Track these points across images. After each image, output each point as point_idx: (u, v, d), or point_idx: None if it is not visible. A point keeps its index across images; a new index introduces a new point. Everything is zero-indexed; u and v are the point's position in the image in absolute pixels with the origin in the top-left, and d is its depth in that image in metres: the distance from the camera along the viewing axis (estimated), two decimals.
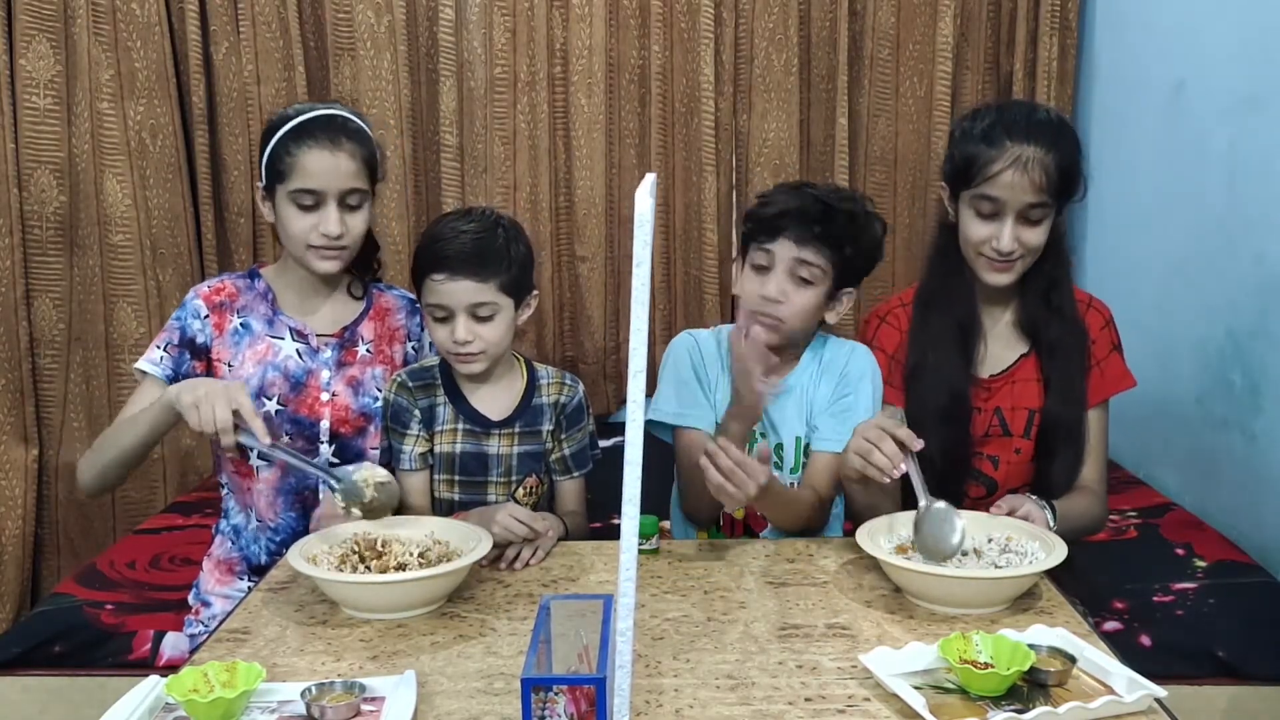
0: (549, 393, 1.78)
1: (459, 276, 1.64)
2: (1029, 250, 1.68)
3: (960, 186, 1.70)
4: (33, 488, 2.87)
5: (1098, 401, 1.80)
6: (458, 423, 1.73)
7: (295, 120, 1.73)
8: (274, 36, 3.01)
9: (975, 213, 1.68)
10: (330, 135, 1.71)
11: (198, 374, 1.75)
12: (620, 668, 0.99)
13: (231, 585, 1.86)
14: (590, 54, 3.09)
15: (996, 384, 1.79)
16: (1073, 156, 1.67)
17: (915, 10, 3.11)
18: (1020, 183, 1.63)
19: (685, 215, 3.19)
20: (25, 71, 2.79)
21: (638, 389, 0.91)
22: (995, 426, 1.79)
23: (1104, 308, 1.83)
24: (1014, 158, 1.63)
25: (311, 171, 1.70)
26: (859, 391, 1.74)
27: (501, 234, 1.69)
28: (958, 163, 1.70)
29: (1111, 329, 1.83)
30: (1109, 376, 1.81)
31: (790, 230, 1.67)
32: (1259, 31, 2.29)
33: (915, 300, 1.82)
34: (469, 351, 1.67)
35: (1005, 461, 1.80)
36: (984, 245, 1.68)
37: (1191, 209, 2.54)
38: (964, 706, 1.14)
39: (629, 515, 0.94)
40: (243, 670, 1.16)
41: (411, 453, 1.72)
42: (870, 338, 1.84)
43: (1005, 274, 1.71)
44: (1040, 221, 1.67)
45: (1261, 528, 2.27)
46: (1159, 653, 1.95)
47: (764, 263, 1.69)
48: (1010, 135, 1.64)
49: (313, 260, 1.75)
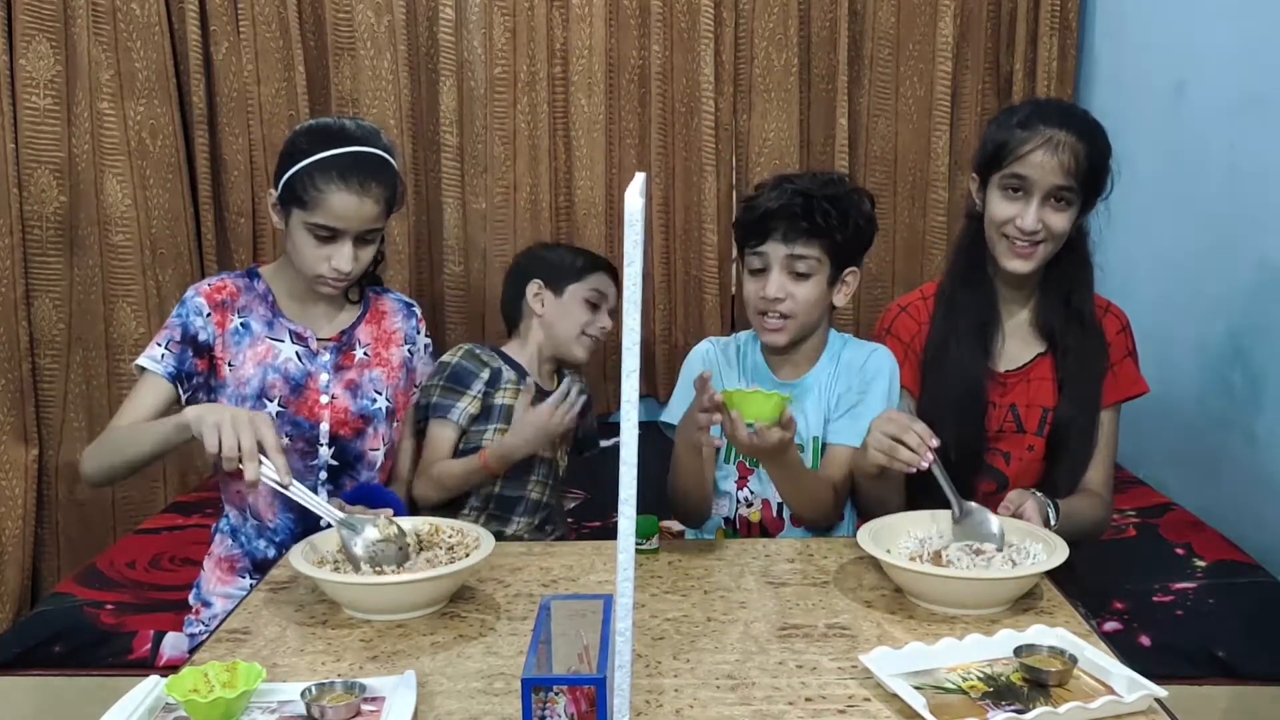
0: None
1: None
2: (1051, 235, 1.69)
3: (991, 171, 1.72)
4: (33, 488, 2.87)
5: (1109, 405, 1.81)
6: (519, 382, 1.99)
7: (326, 154, 1.68)
8: (274, 36, 3.01)
9: (1003, 192, 1.70)
10: (360, 178, 1.68)
11: (199, 372, 1.75)
12: (620, 668, 0.99)
13: (234, 584, 1.86)
14: (590, 54, 3.09)
15: (1013, 380, 1.80)
16: (1102, 152, 1.70)
17: (915, 10, 3.11)
18: (1049, 163, 1.65)
19: (685, 215, 3.20)
20: (25, 71, 2.79)
21: (631, 389, 0.91)
22: (1010, 422, 1.79)
23: (1121, 313, 1.84)
24: (1046, 139, 1.66)
25: (335, 213, 1.68)
26: (873, 389, 1.75)
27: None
28: (989, 149, 1.72)
29: (1127, 335, 1.83)
30: (1122, 381, 1.81)
31: (778, 230, 1.69)
32: (1259, 31, 2.29)
33: (937, 292, 1.84)
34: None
35: (1018, 458, 1.80)
36: (1008, 225, 1.70)
37: (1191, 209, 2.54)
38: (964, 706, 1.14)
39: (626, 515, 0.94)
40: (243, 670, 1.15)
41: (464, 409, 1.93)
42: (888, 326, 1.85)
43: (1026, 260, 1.71)
44: (1066, 208, 1.68)
45: (1261, 528, 2.27)
46: (1159, 653, 1.95)
47: (759, 265, 1.73)
48: (1044, 121, 1.67)
49: (318, 285, 1.75)
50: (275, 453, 1.45)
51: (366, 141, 1.72)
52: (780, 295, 1.70)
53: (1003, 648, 1.25)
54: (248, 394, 1.75)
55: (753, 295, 1.74)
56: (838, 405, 1.77)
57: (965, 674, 1.21)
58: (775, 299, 1.70)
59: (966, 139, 3.15)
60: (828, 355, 1.80)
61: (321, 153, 1.68)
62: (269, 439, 1.45)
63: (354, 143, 1.71)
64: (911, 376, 1.81)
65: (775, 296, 1.70)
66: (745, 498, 1.79)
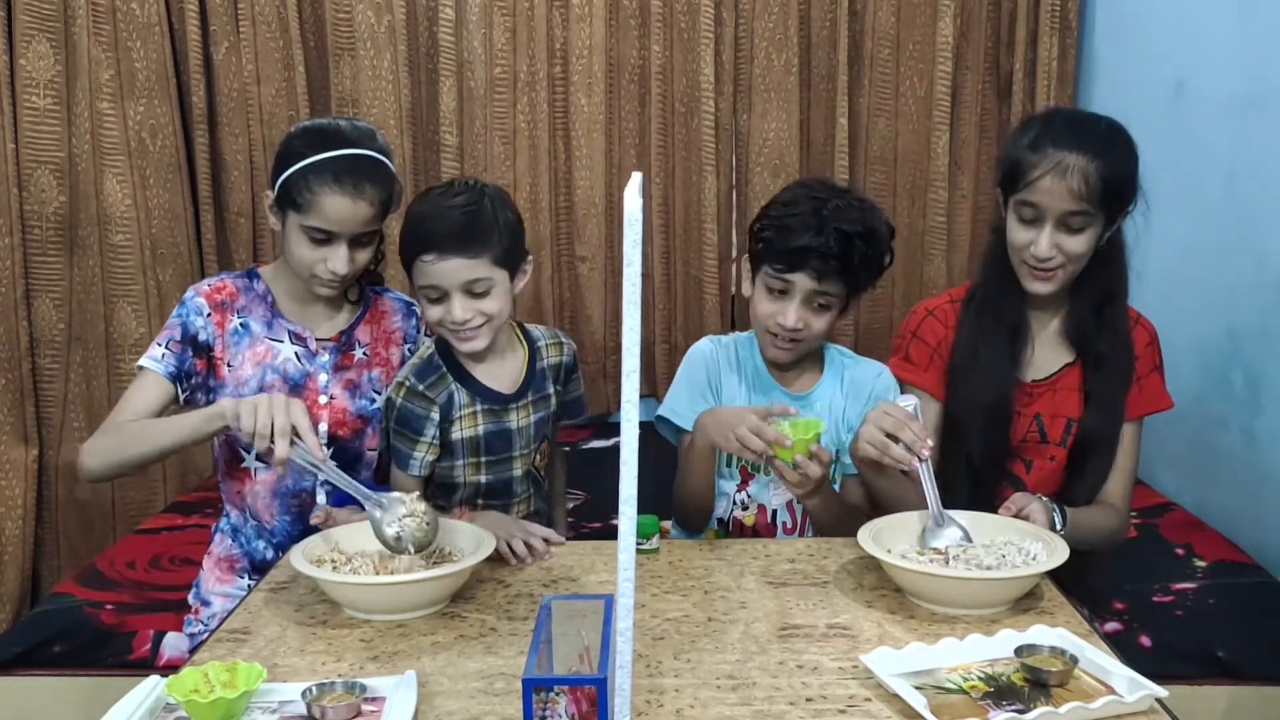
0: (549, 355, 1.77)
1: (449, 255, 1.57)
2: (1069, 258, 1.66)
3: (1008, 192, 1.69)
4: (33, 488, 2.87)
5: (1132, 418, 1.78)
6: (475, 405, 1.68)
7: (320, 157, 1.68)
8: (274, 36, 3.01)
9: (1018, 218, 1.67)
10: (354, 181, 1.67)
11: (198, 372, 1.75)
12: (621, 668, 0.99)
13: (232, 584, 1.86)
14: (590, 54, 3.09)
15: (1039, 390, 1.78)
16: (1122, 166, 1.64)
17: (915, 10, 3.11)
18: (1058, 189, 1.61)
19: (685, 215, 3.19)
20: (25, 71, 2.79)
21: (631, 389, 0.91)
22: (1033, 432, 1.78)
23: (1150, 325, 1.81)
24: (1054, 164, 1.61)
25: (329, 216, 1.67)
26: None
27: (488, 205, 1.62)
28: (1005, 168, 1.69)
29: (1155, 348, 1.80)
30: (1147, 395, 1.78)
31: (809, 264, 1.64)
32: (1259, 31, 2.30)
33: (966, 299, 1.81)
34: (469, 329, 1.62)
35: (1039, 468, 1.79)
36: (1024, 251, 1.67)
37: (1191, 209, 2.54)
38: (965, 706, 1.14)
39: (626, 515, 0.94)
40: (243, 670, 1.15)
41: (423, 459, 1.66)
42: (915, 329, 1.83)
43: (1046, 283, 1.68)
44: (1081, 230, 1.64)
45: (1261, 528, 2.27)
46: (1159, 653, 1.96)
47: (781, 289, 1.68)
48: (1054, 142, 1.62)
49: (314, 286, 1.75)
50: (308, 434, 1.48)
51: (361, 143, 1.72)
52: (800, 326, 1.68)
53: (1003, 648, 1.25)
54: (246, 394, 1.74)
55: (767, 316, 1.70)
56: (850, 431, 1.75)
57: (966, 674, 1.21)
58: (794, 329, 1.68)
59: (966, 139, 3.15)
60: (831, 371, 1.79)
61: (316, 155, 1.68)
62: (303, 421, 1.48)
63: (349, 145, 1.70)
64: (936, 381, 1.79)
65: (795, 327, 1.68)
66: (743, 500, 1.78)
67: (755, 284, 1.73)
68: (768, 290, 1.70)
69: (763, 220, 1.72)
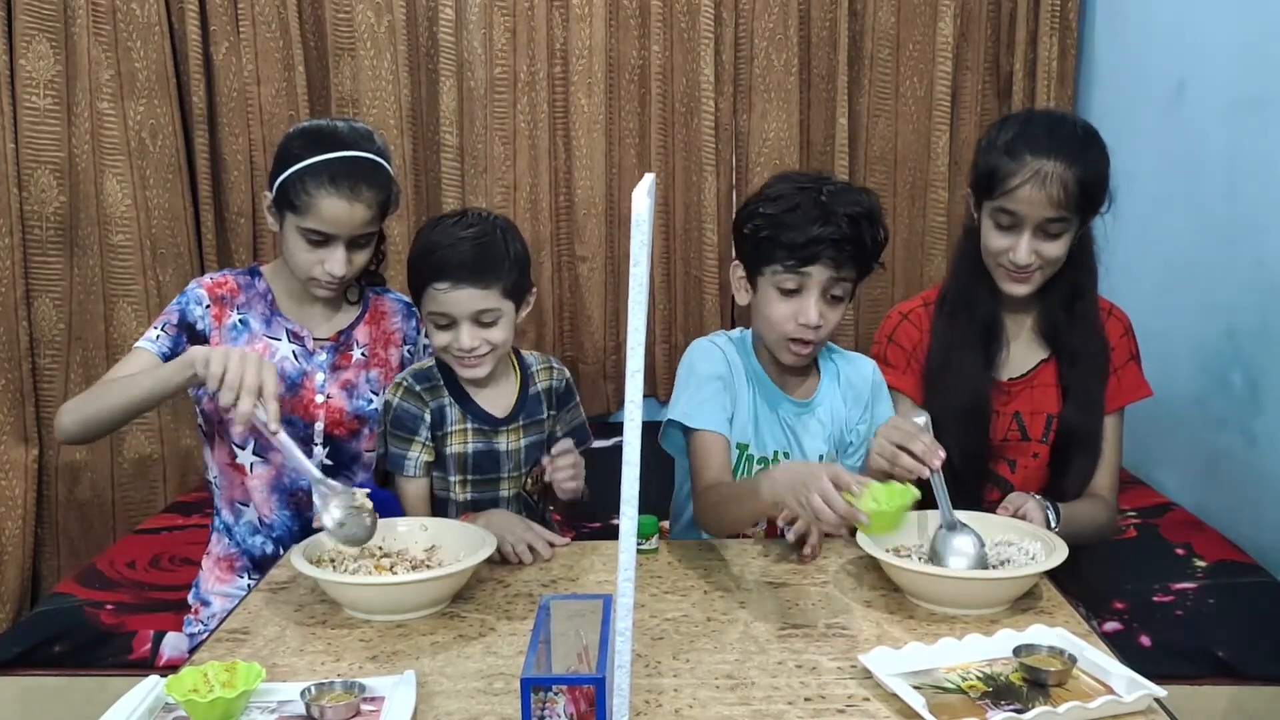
0: (540, 379, 1.77)
1: (462, 285, 1.60)
2: (1047, 262, 1.67)
3: (982, 196, 1.70)
4: (33, 488, 2.87)
5: (1113, 410, 1.79)
6: (466, 423, 1.69)
7: (317, 159, 1.67)
8: (274, 36, 3.01)
9: (995, 224, 1.68)
10: (351, 183, 1.67)
11: None
12: (620, 668, 0.99)
13: (232, 583, 1.86)
14: (590, 54, 3.09)
15: (1016, 388, 1.79)
16: (1097, 170, 1.65)
17: (915, 10, 3.11)
18: (1038, 198, 1.61)
19: (685, 215, 3.20)
20: (25, 71, 2.79)
21: (635, 389, 0.91)
22: (1014, 430, 1.78)
23: (1123, 316, 1.83)
24: (1033, 172, 1.61)
25: (326, 218, 1.67)
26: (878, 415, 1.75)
27: (500, 237, 1.65)
28: (980, 173, 1.69)
29: (1130, 338, 1.82)
30: (1125, 385, 1.80)
31: (825, 256, 1.60)
32: (1259, 31, 2.29)
33: (939, 301, 1.81)
34: (474, 356, 1.64)
35: (1023, 466, 1.80)
36: (1002, 256, 1.68)
37: (1191, 210, 2.54)
38: (963, 706, 1.14)
39: (627, 515, 0.94)
40: (242, 670, 1.16)
41: (417, 459, 1.67)
42: (890, 333, 1.83)
43: (1023, 285, 1.70)
44: (1059, 235, 1.66)
45: (1261, 528, 2.27)
46: (1159, 653, 1.96)
47: (794, 286, 1.62)
48: (1031, 149, 1.62)
49: (312, 288, 1.75)
50: (271, 399, 1.46)
51: (359, 145, 1.72)
52: (821, 323, 1.63)
53: (1002, 647, 1.25)
54: None
55: (784, 318, 1.63)
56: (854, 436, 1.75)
57: (965, 674, 1.21)
58: (817, 326, 1.63)
59: (966, 139, 3.14)
60: (826, 373, 1.77)
61: (312, 157, 1.68)
62: (269, 385, 1.47)
63: (345, 147, 1.70)
64: (914, 384, 1.80)
65: (817, 324, 1.62)
66: None
67: (759, 289, 1.67)
68: (780, 292, 1.64)
69: (754, 222, 1.65)
